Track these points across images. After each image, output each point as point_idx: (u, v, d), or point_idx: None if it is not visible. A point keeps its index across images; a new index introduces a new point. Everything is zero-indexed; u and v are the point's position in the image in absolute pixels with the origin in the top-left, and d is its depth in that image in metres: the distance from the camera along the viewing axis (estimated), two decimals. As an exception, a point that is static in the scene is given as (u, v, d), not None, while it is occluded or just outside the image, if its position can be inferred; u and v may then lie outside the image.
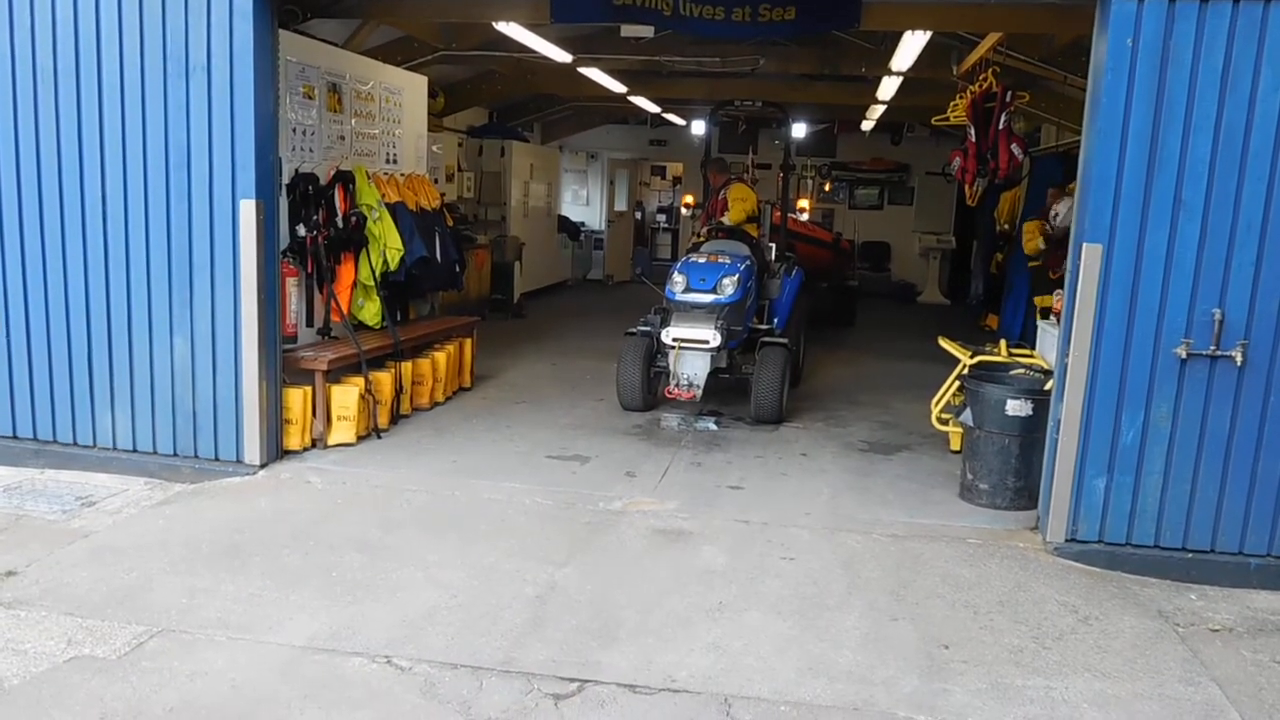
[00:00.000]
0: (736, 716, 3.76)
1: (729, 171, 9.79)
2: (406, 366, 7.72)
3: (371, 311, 7.81)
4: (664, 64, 12.00)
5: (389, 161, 8.66)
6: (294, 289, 7.01)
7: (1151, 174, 5.12)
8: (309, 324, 7.33)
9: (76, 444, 6.41)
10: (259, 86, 5.92)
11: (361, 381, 7.03)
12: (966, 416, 6.26)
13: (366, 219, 7.64)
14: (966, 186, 9.62)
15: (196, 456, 6.27)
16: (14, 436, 6.49)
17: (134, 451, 6.34)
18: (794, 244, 10.98)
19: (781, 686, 3.98)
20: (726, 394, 8.71)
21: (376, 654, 4.11)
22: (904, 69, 10.53)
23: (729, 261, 8.26)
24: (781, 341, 8.31)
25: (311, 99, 7.34)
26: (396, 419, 7.55)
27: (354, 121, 8.03)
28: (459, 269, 9.15)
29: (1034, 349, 6.98)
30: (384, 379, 7.35)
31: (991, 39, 8.76)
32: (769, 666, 4.13)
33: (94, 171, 6.09)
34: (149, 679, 3.85)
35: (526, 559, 5.11)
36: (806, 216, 15.87)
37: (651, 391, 8.35)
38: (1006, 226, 12.39)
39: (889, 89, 12.31)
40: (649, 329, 8.34)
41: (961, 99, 9.75)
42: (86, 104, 6.03)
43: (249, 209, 5.97)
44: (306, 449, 6.71)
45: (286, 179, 6.87)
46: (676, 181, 22.83)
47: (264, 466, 6.29)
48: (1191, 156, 5.07)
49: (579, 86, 13.71)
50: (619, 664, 4.11)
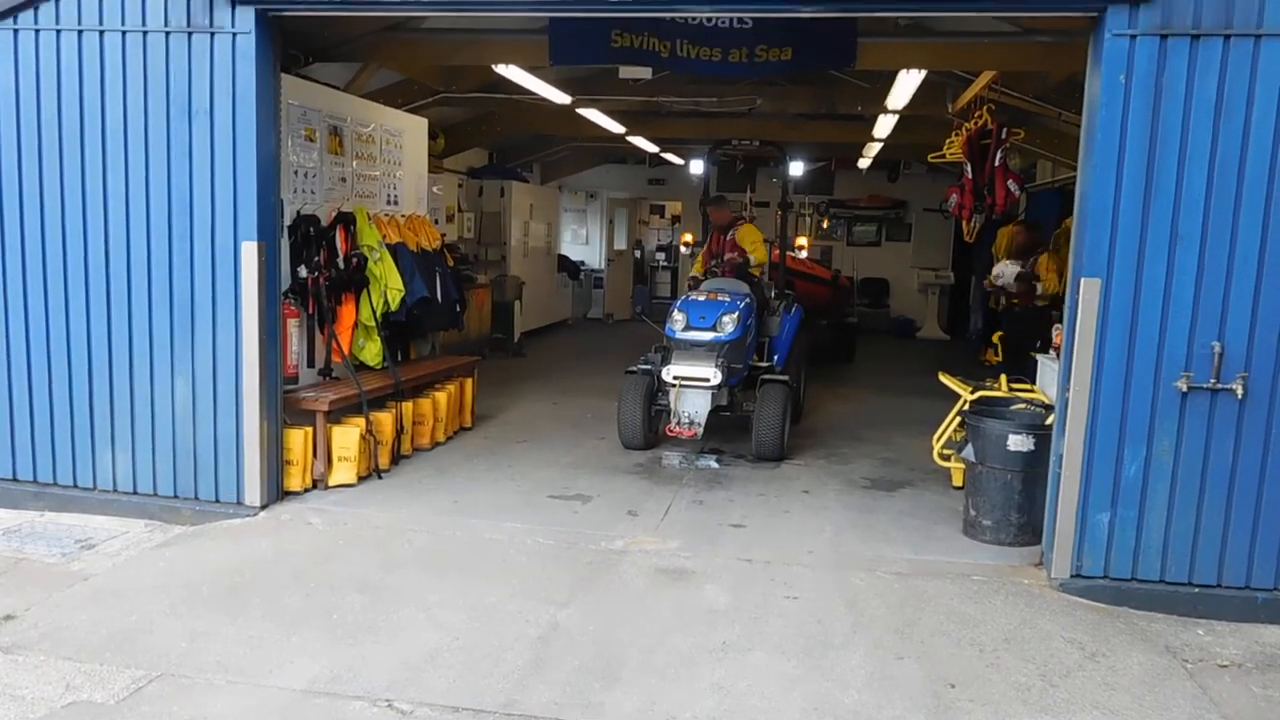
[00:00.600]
0: (742, 758, 3.72)
1: (731, 209, 9.81)
2: (407, 406, 7.71)
3: (372, 352, 7.82)
4: (662, 104, 12.11)
5: (390, 203, 8.72)
6: (295, 330, 7.03)
7: (1148, 208, 5.15)
8: (310, 364, 7.34)
9: (77, 486, 6.39)
10: (261, 129, 5.97)
11: (362, 422, 7.02)
12: (968, 452, 6.24)
13: (367, 260, 7.68)
14: (964, 222, 9.68)
15: (197, 498, 6.26)
16: (14, 479, 6.48)
17: (134, 493, 6.32)
18: (793, 281, 11.02)
19: (787, 727, 3.94)
20: (728, 431, 8.70)
21: (378, 697, 4.07)
22: (900, 107, 10.62)
23: (729, 299, 8.28)
24: (782, 378, 8.31)
25: (313, 141, 7.41)
26: (397, 459, 7.53)
27: (355, 163, 8.09)
28: (460, 309, 9.18)
29: (1034, 384, 6.97)
30: (385, 419, 7.34)
31: (986, 77, 8.85)
32: (774, 707, 4.09)
33: (96, 213, 6.13)
34: (148, 724, 3.81)
35: (528, 599, 5.08)
36: (805, 254, 15.93)
37: (653, 430, 8.33)
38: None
39: (885, 127, 12.41)
40: (649, 367, 8.35)
41: (957, 136, 9.84)
42: (90, 146, 6.08)
43: (250, 250, 6.00)
44: (307, 490, 6.69)
45: (288, 220, 6.92)
46: (675, 220, 22.96)
47: (265, 508, 6.27)
48: (1187, 190, 5.11)
49: (578, 127, 13.82)
50: (622, 705, 4.07)
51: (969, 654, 4.64)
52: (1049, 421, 5.91)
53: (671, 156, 18.27)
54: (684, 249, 18.16)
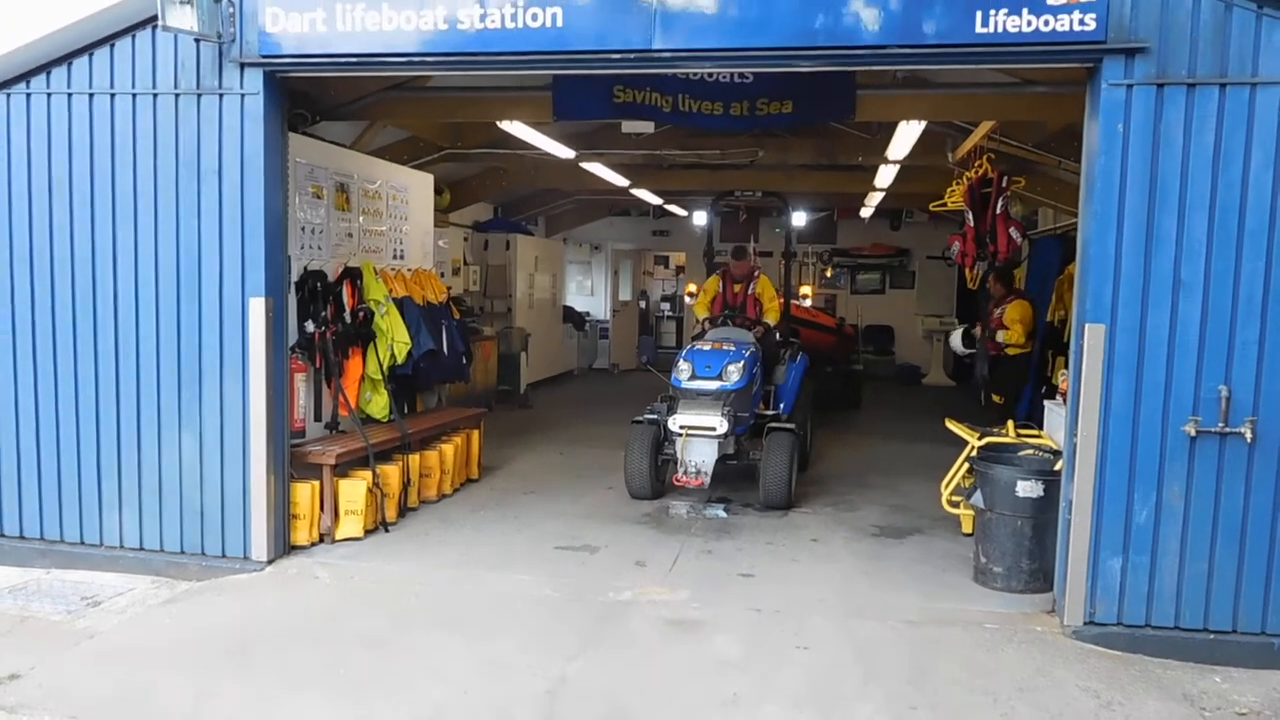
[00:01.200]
0: (755, 813, 3.67)
1: (752, 261, 9.82)
2: (414, 459, 7.71)
3: (379, 405, 7.84)
4: (665, 157, 12.24)
5: (396, 257, 8.80)
6: (302, 384, 7.06)
7: (1149, 254, 5.18)
8: (317, 418, 7.36)
9: (83, 543, 6.38)
10: (269, 188, 6.05)
11: (369, 475, 7.02)
12: (977, 499, 6.21)
13: (374, 314, 7.74)
14: (967, 270, 9.72)
15: (203, 553, 6.24)
16: (21, 536, 6.47)
17: (140, 549, 6.30)
18: (798, 329, 11.04)
19: (800, 780, 3.88)
20: (735, 480, 8.67)
21: (385, 754, 4.03)
22: (900, 157, 10.73)
23: (734, 348, 8.31)
24: (788, 426, 8.30)
25: (320, 198, 7.50)
26: (404, 512, 7.51)
27: (361, 219, 8.18)
28: (466, 361, 9.22)
29: (1041, 429, 6.96)
30: (392, 472, 7.34)
31: (985, 126, 8.95)
32: (786, 760, 4.04)
33: (106, 271, 6.19)
34: (153, 784, 3.77)
35: (537, 652, 5.03)
36: (809, 302, 15.99)
37: (660, 479, 8.31)
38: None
39: (887, 176, 12.52)
40: (656, 417, 8.35)
41: (958, 185, 9.91)
42: (100, 205, 6.17)
43: (258, 307, 6.05)
44: (314, 544, 6.66)
45: (295, 276, 6.98)
46: (680, 271, 23.07)
47: (271, 562, 6.25)
48: (1188, 236, 5.14)
49: (582, 180, 13.97)
50: (633, 760, 4.02)
51: (982, 703, 4.58)
52: (1058, 467, 5.89)
53: (675, 208, 18.42)
54: (689, 299, 18.25)
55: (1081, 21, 5.09)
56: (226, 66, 5.95)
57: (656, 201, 17.34)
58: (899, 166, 11.58)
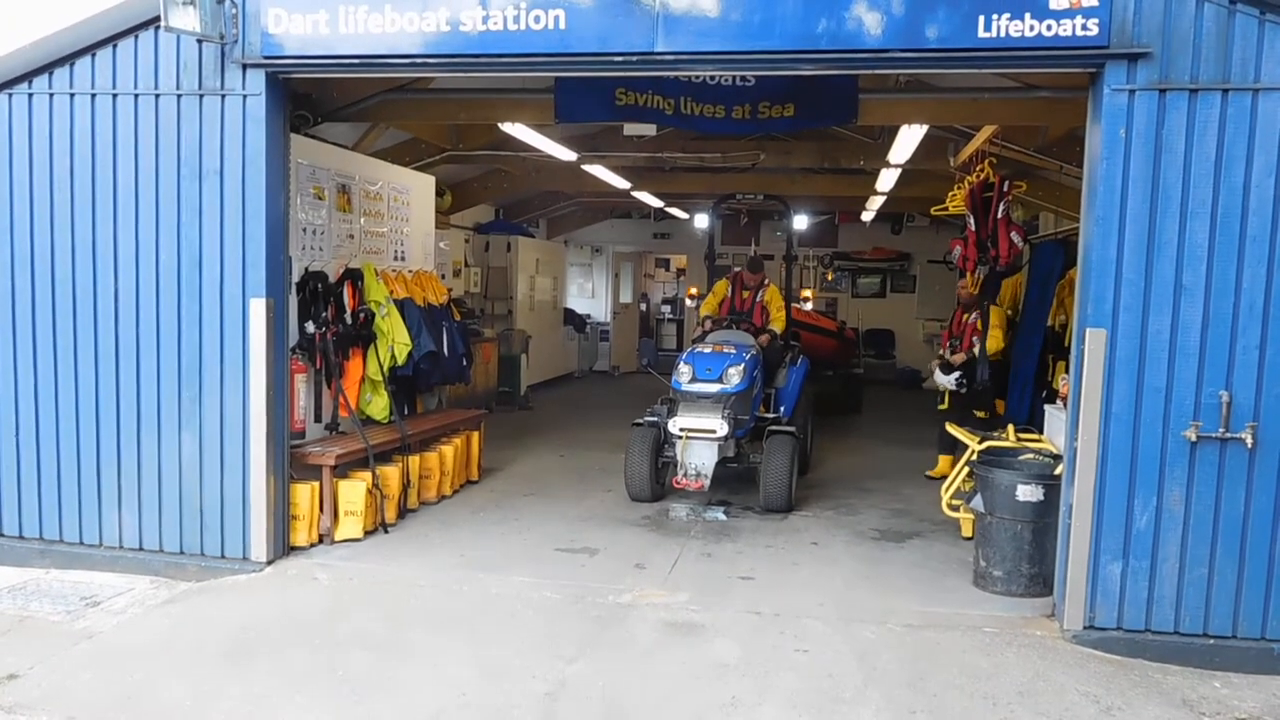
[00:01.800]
0: (753, 816, 3.66)
1: (764, 273, 9.88)
2: (414, 460, 7.71)
3: (379, 406, 7.84)
4: (666, 160, 12.25)
5: (397, 258, 8.80)
6: (302, 385, 7.05)
7: (1151, 259, 5.18)
8: (317, 419, 7.35)
9: (82, 543, 6.38)
10: (270, 189, 6.05)
11: (369, 476, 7.02)
12: (977, 503, 6.21)
13: (374, 315, 7.73)
14: (968, 274, 9.71)
15: (203, 554, 6.24)
16: (20, 536, 6.47)
17: (140, 550, 6.30)
18: (799, 333, 11.04)
19: (799, 784, 3.88)
20: (735, 483, 8.67)
21: (384, 756, 4.02)
22: (902, 161, 10.74)
23: (734, 351, 8.31)
24: (789, 430, 8.30)
25: (321, 199, 7.50)
26: (404, 513, 7.51)
27: (363, 220, 8.19)
28: (466, 363, 9.22)
29: (1041, 433, 6.96)
30: (391, 473, 7.34)
31: (987, 131, 8.95)
32: (785, 763, 4.03)
33: (107, 271, 6.20)
34: (151, 785, 3.76)
35: (536, 655, 5.03)
36: (810, 306, 15.98)
37: (660, 482, 8.31)
38: (1009, 313, 12.46)
39: (888, 180, 12.53)
40: (656, 419, 8.35)
41: (960, 189, 9.92)
42: (101, 206, 6.17)
43: (259, 307, 6.05)
44: (313, 545, 6.66)
45: (296, 277, 6.98)
46: (680, 273, 23.08)
47: (270, 563, 6.24)
48: (1190, 242, 5.14)
49: (583, 183, 13.98)
50: (632, 763, 4.01)
51: (982, 708, 4.57)
52: (1058, 471, 5.89)
53: (676, 211, 18.42)
54: (690, 301, 18.25)
55: (1084, 26, 5.09)
56: (229, 67, 5.96)
57: (658, 204, 17.35)
58: (900, 170, 11.58)
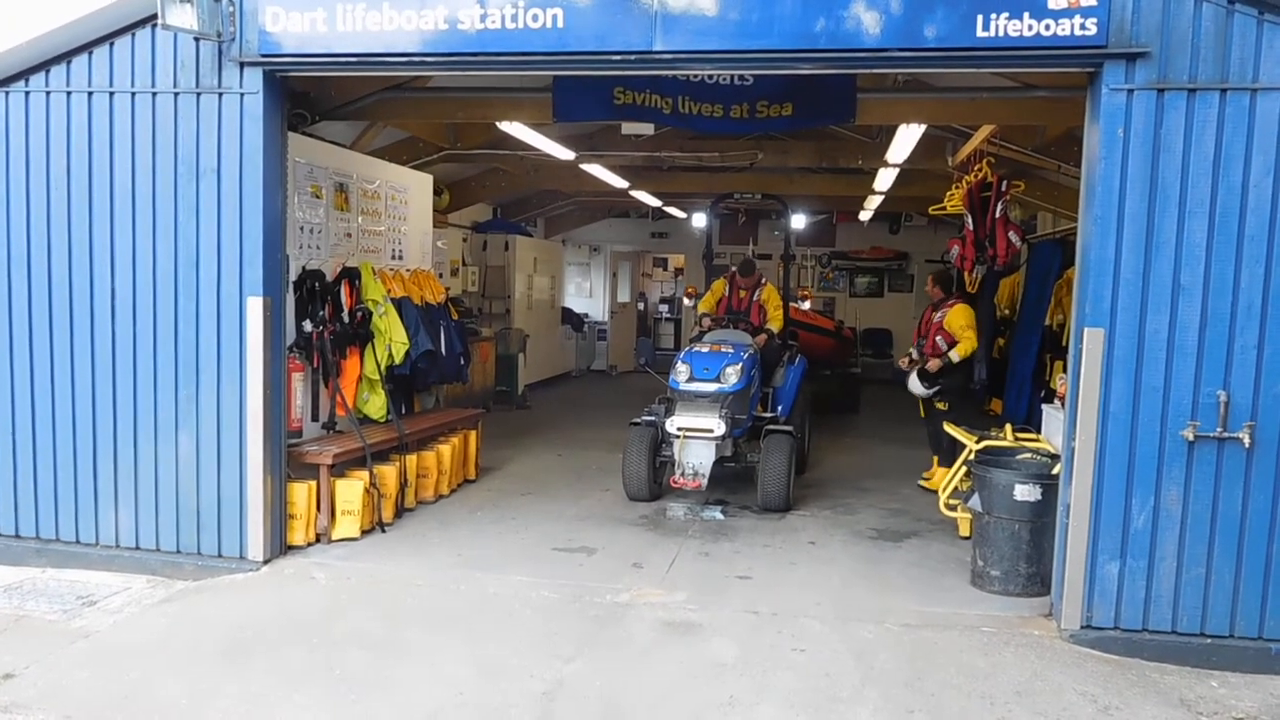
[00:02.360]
0: (751, 816, 3.66)
1: (758, 274, 9.90)
2: (411, 459, 7.70)
3: (377, 405, 7.83)
4: (664, 159, 12.24)
5: (394, 257, 8.79)
6: (300, 384, 7.05)
7: (1149, 259, 5.18)
8: (314, 418, 7.35)
9: (79, 542, 6.36)
10: (267, 187, 6.04)
11: (366, 475, 7.01)
12: (975, 502, 6.21)
13: (372, 314, 7.73)
14: (966, 274, 9.73)
15: (200, 553, 6.22)
16: (16, 535, 6.46)
17: (137, 549, 6.29)
18: (796, 332, 11.04)
19: (796, 784, 3.88)
20: (732, 483, 8.67)
21: (381, 755, 4.02)
22: (900, 161, 10.74)
23: (732, 351, 8.31)
24: (786, 429, 8.30)
25: (319, 198, 7.49)
26: (401, 512, 7.50)
27: (360, 219, 8.18)
28: (464, 362, 9.21)
29: (1039, 433, 6.95)
30: (389, 472, 7.33)
31: (985, 130, 8.95)
32: (783, 763, 4.03)
33: (104, 269, 6.18)
34: (148, 784, 3.76)
35: (534, 654, 5.02)
36: (808, 305, 15.98)
37: (657, 481, 8.31)
38: (1007, 312, 12.48)
39: (886, 180, 12.53)
40: (654, 419, 8.34)
41: (958, 189, 9.93)
42: (98, 204, 6.16)
43: (256, 306, 6.04)
44: (310, 544, 6.65)
45: (294, 276, 6.97)
46: (678, 273, 23.09)
47: (268, 562, 6.23)
48: (1188, 241, 5.14)
49: (581, 182, 13.97)
50: (629, 762, 4.01)
51: (979, 707, 4.57)
52: (1055, 471, 5.89)
53: (674, 210, 18.42)
54: (688, 301, 18.25)
55: (1082, 26, 5.09)
56: (226, 66, 5.95)
57: (656, 203, 17.34)
58: (899, 170, 11.58)
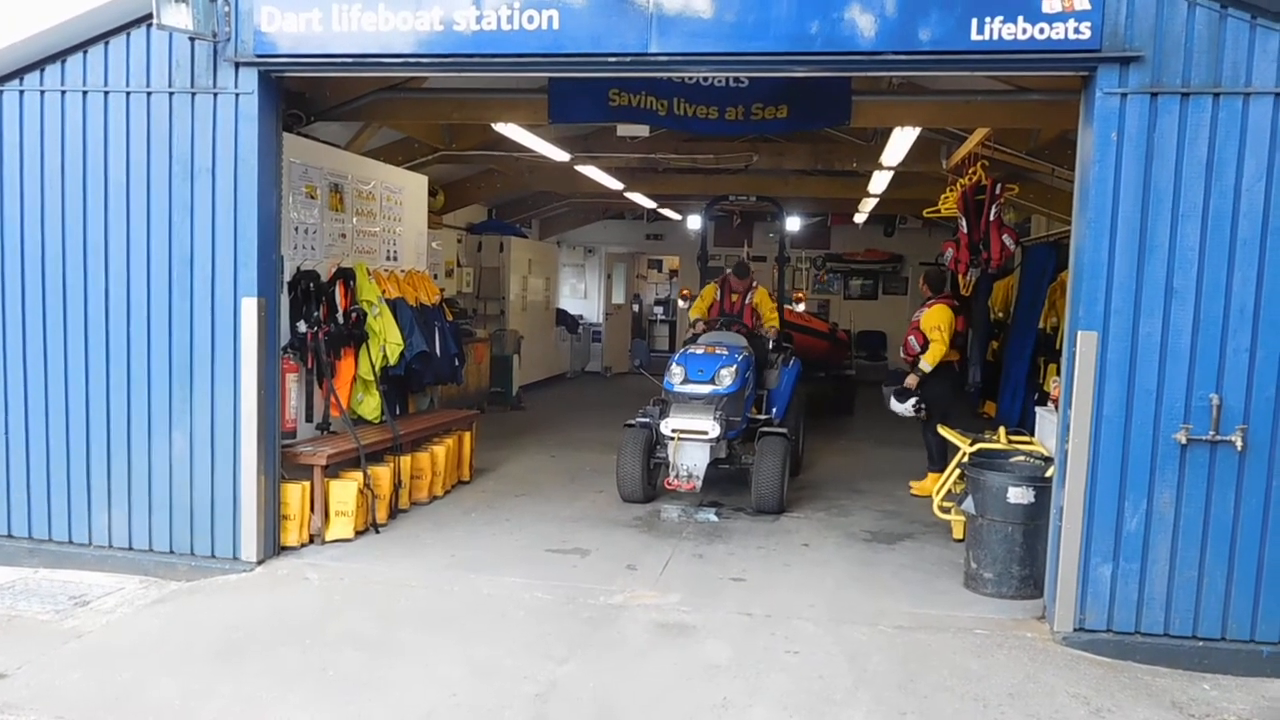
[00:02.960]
0: (744, 818, 3.66)
1: (751, 277, 9.94)
2: (405, 461, 7.69)
3: (371, 406, 7.82)
4: (659, 161, 12.26)
5: (389, 258, 8.78)
6: (294, 384, 7.04)
7: (1142, 262, 5.19)
8: (308, 419, 7.33)
9: (72, 542, 6.34)
10: (262, 188, 6.04)
11: (360, 476, 7.00)
12: (969, 505, 6.22)
13: (367, 315, 7.72)
14: (960, 276, 9.74)
15: (193, 554, 6.21)
16: (9, 535, 6.44)
17: (129, 549, 6.27)
18: (791, 334, 11.06)
19: (789, 785, 3.88)
20: (727, 485, 8.67)
21: (374, 756, 4.01)
22: (895, 163, 10.76)
23: (726, 352, 8.31)
24: (781, 431, 8.31)
25: (314, 198, 7.48)
26: (395, 513, 7.49)
27: (355, 220, 8.17)
28: (459, 363, 9.20)
29: (1033, 435, 6.97)
30: (383, 473, 7.32)
31: (979, 134, 8.98)
32: (776, 765, 4.03)
33: (98, 269, 6.17)
34: (140, 785, 3.75)
35: (527, 656, 5.02)
36: (803, 307, 16.01)
37: (651, 483, 8.30)
38: (1001, 315, 12.51)
39: (881, 182, 12.56)
40: (648, 420, 8.34)
41: (952, 192, 9.94)
42: (92, 204, 6.14)
43: (251, 306, 6.03)
44: (304, 545, 6.64)
45: (288, 276, 6.96)
46: (673, 274, 23.10)
47: (261, 563, 6.22)
48: (1180, 245, 5.15)
49: (576, 183, 13.98)
50: (622, 764, 4.01)
51: (972, 709, 4.58)
52: (1049, 474, 5.90)
53: (669, 212, 18.44)
54: (682, 302, 18.27)
55: (1076, 30, 5.11)
56: (221, 65, 5.94)
57: (651, 205, 17.35)
58: (893, 172, 11.61)
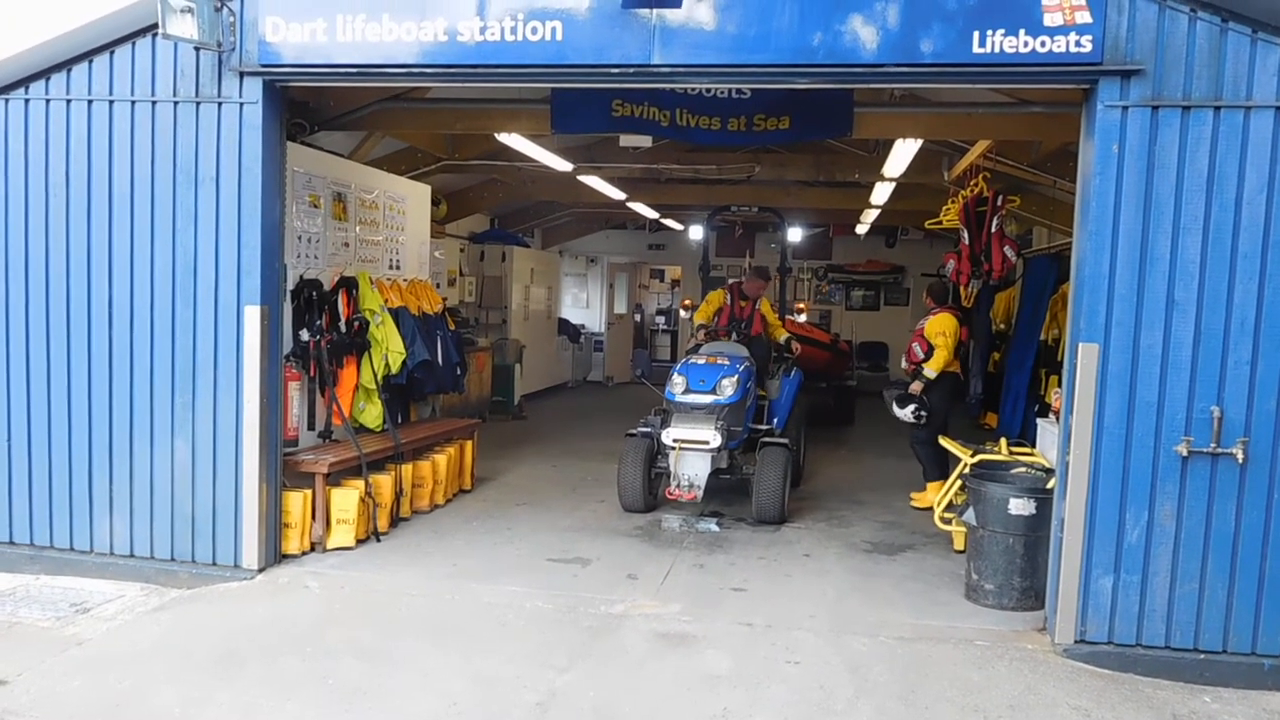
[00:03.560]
0: (744, 828, 3.65)
1: (766, 282, 9.97)
2: (407, 469, 7.70)
3: (373, 414, 7.83)
4: (662, 171, 12.27)
5: (392, 267, 8.80)
6: (296, 392, 7.05)
7: (1143, 275, 5.20)
8: (310, 427, 7.35)
9: (73, 549, 6.35)
10: (266, 196, 6.06)
11: (361, 484, 7.01)
12: (970, 516, 6.22)
13: (369, 323, 7.73)
14: (961, 288, 9.75)
15: (194, 561, 6.22)
16: (10, 542, 6.44)
17: (131, 556, 6.28)
18: (793, 344, 11.06)
19: (789, 796, 3.87)
20: (728, 495, 8.67)
21: (374, 765, 4.01)
22: (897, 175, 10.78)
23: (728, 363, 8.32)
24: (782, 441, 8.31)
25: (317, 207, 7.50)
26: (396, 522, 7.50)
27: (358, 229, 8.19)
28: (460, 372, 9.21)
29: (1034, 447, 6.97)
30: (384, 482, 7.33)
31: (981, 146, 8.99)
32: (776, 775, 4.03)
33: (101, 277, 6.19)
34: (140, 793, 3.75)
35: (528, 665, 5.02)
36: (804, 318, 16.02)
37: (653, 493, 8.31)
38: (1003, 326, 12.52)
39: (883, 194, 12.57)
40: (649, 430, 8.35)
41: (954, 203, 9.96)
42: (97, 211, 6.17)
43: (253, 314, 6.05)
44: (305, 552, 6.65)
45: (291, 285, 6.98)
46: (675, 284, 23.12)
47: (262, 571, 6.23)
48: (1181, 257, 5.16)
49: (579, 193, 13.99)
50: (622, 774, 4.00)
51: (973, 722, 4.58)
52: (1050, 485, 5.90)
53: (671, 222, 18.46)
54: (684, 313, 18.28)
55: (1078, 43, 5.13)
56: (226, 75, 5.97)
57: (653, 215, 17.37)
58: (895, 184, 11.62)
